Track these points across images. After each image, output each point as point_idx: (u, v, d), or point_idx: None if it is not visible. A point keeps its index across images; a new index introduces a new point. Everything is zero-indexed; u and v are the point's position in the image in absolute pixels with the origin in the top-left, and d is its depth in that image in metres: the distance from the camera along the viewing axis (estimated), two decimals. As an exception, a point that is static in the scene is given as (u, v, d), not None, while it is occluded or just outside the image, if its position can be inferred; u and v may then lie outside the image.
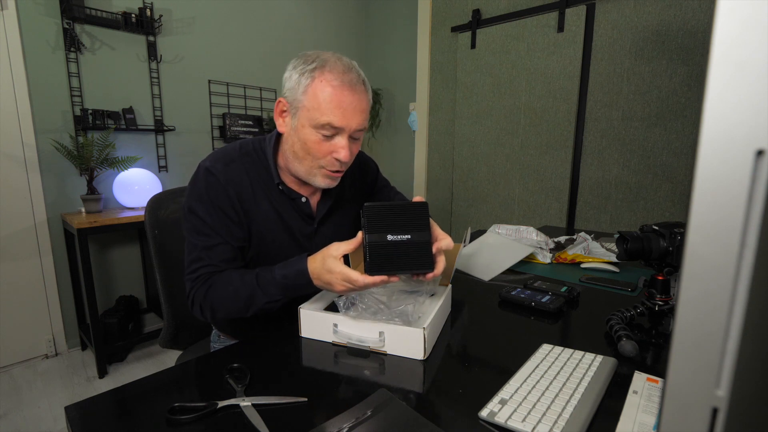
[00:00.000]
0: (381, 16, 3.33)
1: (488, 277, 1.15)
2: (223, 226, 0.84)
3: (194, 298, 0.83)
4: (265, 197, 0.88)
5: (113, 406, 0.60)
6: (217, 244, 0.84)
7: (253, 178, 0.88)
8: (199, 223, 0.84)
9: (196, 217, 0.84)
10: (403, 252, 0.70)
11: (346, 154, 0.81)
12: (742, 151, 0.19)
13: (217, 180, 0.84)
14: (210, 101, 2.63)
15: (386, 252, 0.69)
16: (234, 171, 0.86)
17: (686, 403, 0.21)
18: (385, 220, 0.70)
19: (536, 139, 2.56)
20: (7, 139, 1.98)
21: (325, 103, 0.77)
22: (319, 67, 0.78)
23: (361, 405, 0.58)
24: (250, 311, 0.81)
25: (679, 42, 2.00)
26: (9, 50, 1.94)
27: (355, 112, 0.79)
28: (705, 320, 0.20)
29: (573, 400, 0.57)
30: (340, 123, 0.78)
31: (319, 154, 0.81)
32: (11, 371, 2.07)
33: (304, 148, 0.82)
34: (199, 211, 0.84)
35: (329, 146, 0.81)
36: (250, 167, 0.88)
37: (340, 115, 0.78)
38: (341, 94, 0.77)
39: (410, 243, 0.70)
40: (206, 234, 0.83)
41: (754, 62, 0.18)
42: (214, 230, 0.84)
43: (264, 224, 0.89)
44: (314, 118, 0.78)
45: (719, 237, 0.19)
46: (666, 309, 0.85)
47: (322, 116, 0.78)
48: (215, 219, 0.84)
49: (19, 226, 2.06)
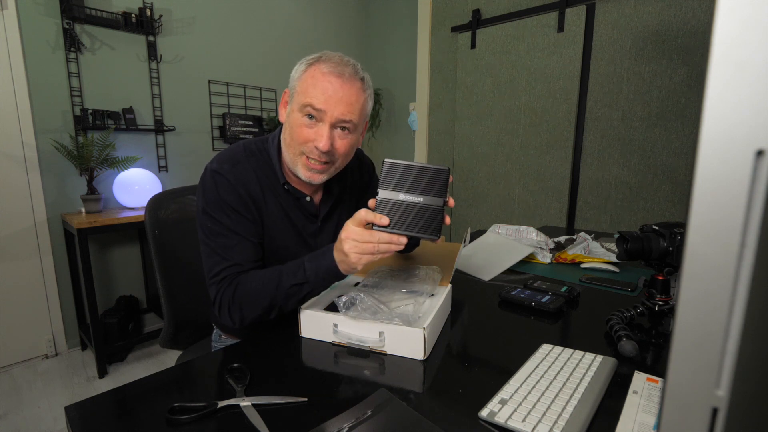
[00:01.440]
0: (381, 16, 3.33)
1: (488, 277, 1.15)
2: (239, 225, 0.84)
3: (221, 302, 0.81)
4: (273, 196, 0.89)
5: (113, 406, 0.60)
6: (237, 244, 0.83)
7: (261, 178, 0.88)
8: (216, 225, 0.84)
9: (211, 219, 0.84)
10: (412, 213, 0.69)
11: (324, 142, 0.79)
12: (742, 151, 0.19)
13: (227, 180, 0.84)
14: (210, 101, 2.63)
15: (395, 210, 0.69)
16: (242, 171, 0.86)
17: (686, 403, 0.21)
18: (401, 178, 0.70)
19: (536, 139, 2.56)
20: (7, 139, 1.98)
21: (311, 86, 0.79)
22: (318, 58, 0.81)
23: (361, 405, 0.58)
24: (277, 304, 0.79)
25: (679, 42, 2.00)
26: (9, 50, 1.94)
27: (340, 101, 0.79)
28: (705, 320, 0.20)
29: (573, 400, 0.57)
30: (320, 105, 0.78)
31: (300, 139, 0.82)
32: (11, 371, 2.07)
33: (291, 132, 0.83)
34: (214, 212, 0.84)
35: (311, 132, 0.81)
36: (257, 167, 0.88)
37: (323, 98, 0.78)
38: (328, 78, 0.79)
39: (421, 206, 0.69)
40: (224, 235, 0.83)
41: (754, 62, 0.18)
42: (231, 230, 0.83)
43: (273, 223, 0.89)
44: (299, 100, 0.81)
45: (719, 237, 0.19)
46: (666, 309, 0.85)
47: (305, 97, 0.79)
48: (231, 218, 0.84)
49: (19, 226, 2.06)
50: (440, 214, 0.69)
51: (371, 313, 0.78)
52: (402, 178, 0.70)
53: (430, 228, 0.69)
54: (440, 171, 0.69)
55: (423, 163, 0.70)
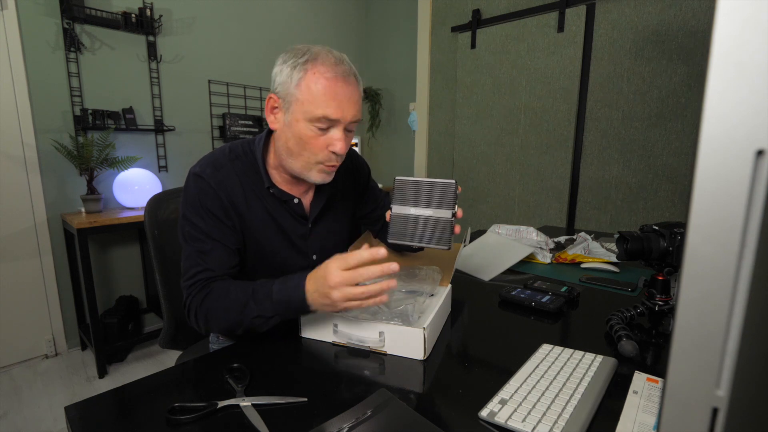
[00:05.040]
0: (381, 16, 3.33)
1: (488, 277, 1.15)
2: (216, 230, 0.83)
3: (190, 306, 0.80)
4: (258, 200, 0.87)
5: (113, 406, 0.60)
6: (212, 249, 0.82)
7: (244, 182, 0.86)
8: (193, 228, 0.83)
9: (189, 223, 0.83)
10: (423, 226, 0.73)
11: (342, 146, 0.80)
12: (742, 151, 0.19)
13: (207, 184, 0.83)
14: (210, 101, 2.63)
15: (407, 223, 0.74)
16: (224, 175, 0.85)
17: (686, 403, 0.21)
18: (411, 193, 0.74)
19: (536, 139, 2.56)
20: (7, 139, 1.98)
21: (319, 95, 0.76)
22: (311, 60, 0.77)
23: (361, 405, 0.58)
24: (241, 327, 0.76)
25: (679, 42, 2.00)
26: (9, 50, 1.94)
27: (350, 104, 0.79)
28: (705, 320, 0.20)
29: (573, 400, 0.57)
30: (335, 115, 0.77)
31: (315, 149, 0.80)
32: (11, 371, 2.07)
33: (300, 143, 0.80)
34: (192, 216, 0.83)
35: (325, 140, 0.80)
36: (241, 171, 0.87)
37: (336, 106, 0.77)
38: (335, 85, 0.77)
39: (430, 219, 0.73)
40: (200, 239, 0.82)
41: (754, 62, 0.18)
42: (208, 235, 0.82)
43: (258, 228, 0.88)
44: (309, 111, 0.77)
45: (719, 237, 0.19)
46: (666, 309, 0.85)
47: (317, 109, 0.77)
48: (209, 223, 0.83)
49: (19, 226, 2.06)
50: (449, 225, 0.72)
51: (371, 313, 0.78)
52: (412, 193, 0.74)
53: (440, 239, 0.72)
54: (447, 184, 0.73)
55: (431, 179, 0.74)
